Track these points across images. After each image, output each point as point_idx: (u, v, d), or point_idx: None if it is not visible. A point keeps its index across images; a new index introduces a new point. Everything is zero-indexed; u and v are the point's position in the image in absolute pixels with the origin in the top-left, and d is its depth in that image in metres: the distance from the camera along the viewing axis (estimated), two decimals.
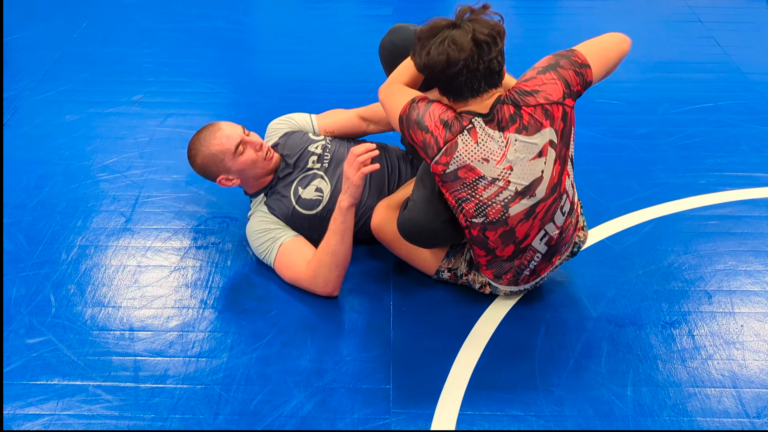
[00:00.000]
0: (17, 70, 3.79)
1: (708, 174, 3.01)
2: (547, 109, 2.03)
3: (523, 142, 2.02)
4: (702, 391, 2.11)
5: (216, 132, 2.45)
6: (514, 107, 2.02)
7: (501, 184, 2.05)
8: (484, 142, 2.02)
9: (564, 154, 2.09)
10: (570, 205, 2.17)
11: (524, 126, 2.02)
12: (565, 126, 2.07)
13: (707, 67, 3.85)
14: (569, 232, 2.22)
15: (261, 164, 2.48)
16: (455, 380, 2.14)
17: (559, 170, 2.08)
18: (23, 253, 2.61)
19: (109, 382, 2.15)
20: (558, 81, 2.05)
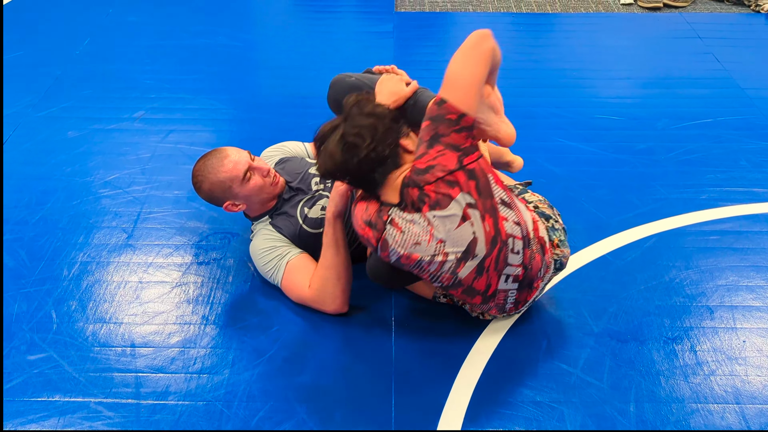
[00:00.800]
0: (20, 87, 3.81)
1: (708, 189, 3.02)
2: (449, 180, 1.98)
3: (441, 217, 1.99)
4: (705, 407, 2.11)
5: (224, 159, 2.44)
6: (418, 189, 1.99)
7: (440, 258, 2.05)
8: (408, 229, 2.02)
9: (490, 205, 2.03)
10: (523, 241, 2.09)
11: (435, 203, 1.98)
12: (478, 180, 2.01)
13: (706, 82, 3.87)
14: (536, 261, 2.15)
15: (268, 189, 2.50)
16: (457, 396, 2.14)
17: (492, 223, 2.03)
18: (25, 269, 2.61)
19: (110, 398, 2.15)
20: (446, 150, 1.98)
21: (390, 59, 4.10)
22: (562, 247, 2.26)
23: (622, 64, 4.07)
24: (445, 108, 1.99)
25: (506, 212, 2.07)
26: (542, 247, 2.17)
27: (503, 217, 2.05)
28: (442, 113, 1.99)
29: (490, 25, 4.71)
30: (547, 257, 2.19)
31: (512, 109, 3.67)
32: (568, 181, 3.07)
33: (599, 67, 4.04)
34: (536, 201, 2.36)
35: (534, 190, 3.00)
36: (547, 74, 3.97)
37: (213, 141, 3.37)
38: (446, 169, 1.98)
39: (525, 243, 2.10)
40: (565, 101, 3.70)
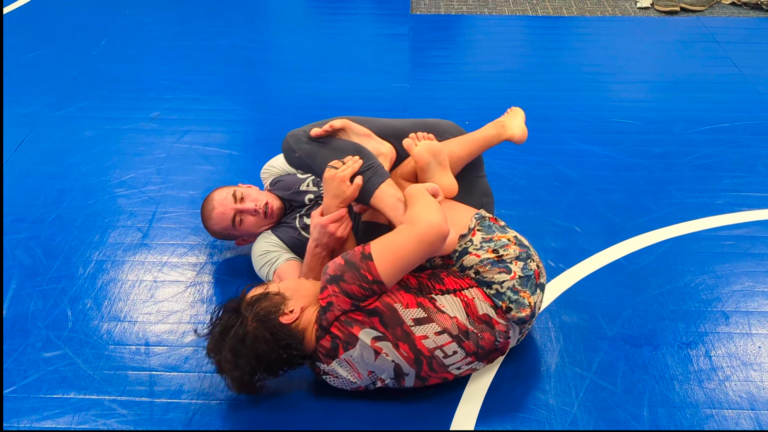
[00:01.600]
0: (37, 87, 3.84)
1: (724, 194, 3.00)
2: (346, 320, 1.96)
3: (355, 356, 1.97)
4: (719, 412, 2.09)
5: (212, 211, 2.51)
6: (328, 335, 1.97)
7: (380, 383, 2.04)
8: (339, 373, 2.01)
9: (401, 333, 1.96)
10: (456, 340, 2.00)
11: (345, 342, 1.96)
12: (381, 315, 1.96)
13: (723, 87, 3.85)
14: (486, 339, 2.03)
15: (264, 222, 2.53)
16: (470, 399, 2.14)
17: (408, 347, 1.97)
18: (41, 268, 2.63)
19: (124, 396, 2.16)
20: (340, 295, 1.95)
21: (405, 62, 4.10)
22: (516, 308, 2.04)
23: (639, 68, 4.05)
24: (367, 265, 1.95)
25: (423, 330, 1.98)
26: (488, 323, 2.03)
27: (420, 336, 1.97)
28: (360, 266, 1.95)
29: (505, 28, 4.74)
30: (498, 327, 2.05)
31: (527, 112, 3.67)
32: (583, 184, 3.06)
33: (615, 71, 4.02)
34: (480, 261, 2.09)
35: (549, 193, 3.00)
36: (562, 77, 3.96)
37: (228, 141, 3.38)
38: (342, 309, 1.96)
39: (459, 340, 2.00)
40: (581, 105, 3.69)
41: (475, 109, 3.63)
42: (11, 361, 2.27)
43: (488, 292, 2.05)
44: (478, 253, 2.09)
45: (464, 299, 2.03)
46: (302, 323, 1.99)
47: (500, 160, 3.18)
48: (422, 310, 1.99)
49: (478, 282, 2.07)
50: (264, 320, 1.94)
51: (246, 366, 1.94)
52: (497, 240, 2.13)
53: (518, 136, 2.54)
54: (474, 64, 4.14)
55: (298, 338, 1.97)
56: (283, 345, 1.94)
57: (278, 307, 1.98)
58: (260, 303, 1.97)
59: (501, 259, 2.07)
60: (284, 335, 1.95)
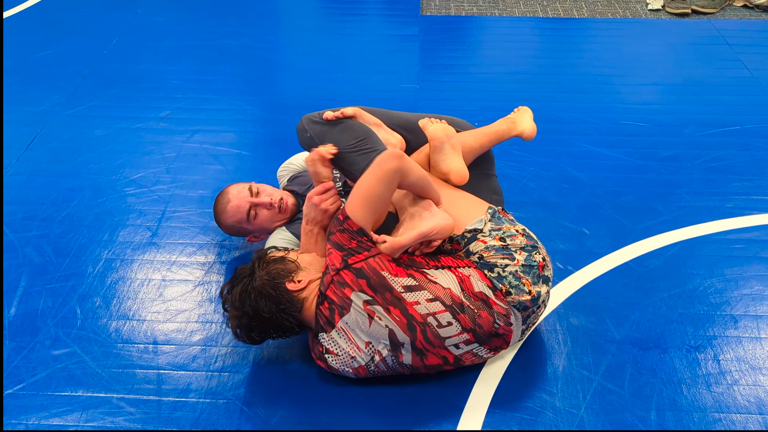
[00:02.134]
0: (48, 86, 3.86)
1: (734, 197, 2.99)
2: (338, 281, 2.05)
3: (350, 321, 2.03)
4: (727, 416, 2.09)
5: (226, 205, 2.53)
6: (325, 300, 2.06)
7: (378, 357, 2.06)
8: (338, 348, 2.07)
9: (391, 297, 2.02)
10: (450, 310, 2.03)
11: (340, 306, 2.03)
12: (368, 278, 2.04)
13: (734, 89, 3.83)
14: (483, 318, 2.05)
15: (278, 217, 2.55)
16: (476, 401, 2.13)
17: (399, 312, 2.02)
18: (51, 266, 2.65)
19: (132, 394, 2.17)
20: (332, 249, 2.10)
21: (415, 63, 4.10)
22: (516, 293, 2.07)
23: (649, 70, 4.04)
24: (348, 223, 2.10)
25: (414, 296, 2.03)
26: (485, 301, 2.06)
27: (412, 302, 2.02)
28: (337, 216, 2.14)
29: (515, 29, 4.74)
30: (496, 308, 2.07)
31: (537, 113, 3.66)
32: (593, 187, 3.05)
33: (626, 73, 4.01)
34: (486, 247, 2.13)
35: (558, 195, 2.99)
36: (572, 79, 3.95)
37: (237, 141, 3.39)
38: (334, 268, 2.07)
39: (454, 311, 2.03)
40: (591, 107, 3.68)
41: (484, 110, 3.62)
42: (20, 358, 2.29)
43: (489, 275, 2.09)
44: (485, 240, 2.14)
45: (459, 275, 2.09)
46: (304, 293, 2.11)
47: (509, 162, 3.18)
48: (412, 279, 2.07)
49: (479, 265, 2.11)
50: (271, 281, 2.09)
51: (241, 315, 2.09)
52: (506, 230, 2.17)
53: (528, 133, 2.57)
54: (484, 66, 4.13)
55: (297, 306, 2.09)
56: (281, 308, 2.07)
57: (289, 273, 2.12)
58: (275, 264, 2.13)
59: (506, 246, 2.12)
60: (284, 299, 2.08)
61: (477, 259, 2.12)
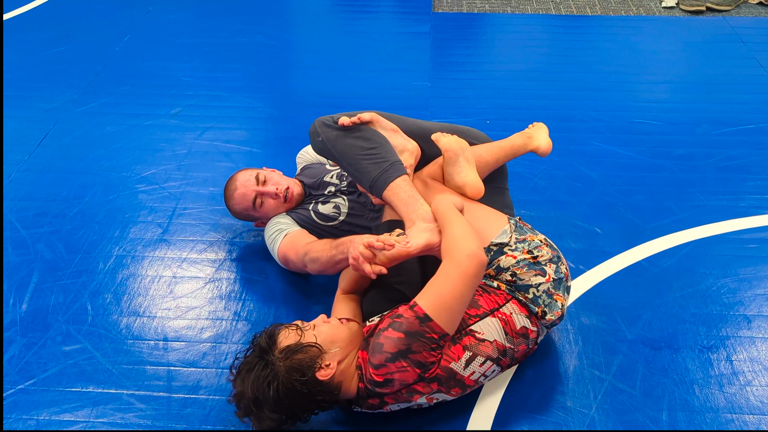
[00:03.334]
0: (60, 82, 3.87)
1: (748, 197, 2.96)
2: (408, 391, 1.91)
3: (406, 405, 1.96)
4: (740, 417, 2.07)
5: (234, 192, 2.57)
6: (377, 398, 1.92)
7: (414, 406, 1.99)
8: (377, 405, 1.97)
9: (454, 383, 1.95)
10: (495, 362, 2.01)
11: (394, 404, 1.94)
12: (439, 379, 1.92)
13: (749, 88, 3.80)
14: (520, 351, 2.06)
15: (283, 207, 2.58)
16: (487, 399, 2.12)
17: (458, 389, 1.98)
18: (62, 262, 2.66)
19: (142, 391, 2.17)
20: (409, 368, 1.86)
21: (426, 60, 4.09)
22: (550, 312, 2.06)
23: (663, 68, 4.01)
24: (429, 326, 1.86)
25: (471, 368, 1.97)
26: (524, 335, 2.05)
27: (469, 374, 1.97)
28: (423, 331, 1.86)
29: (528, 26, 4.72)
30: (532, 336, 2.07)
31: (549, 111, 3.65)
32: (605, 185, 3.03)
33: (639, 71, 3.99)
34: (517, 263, 2.09)
35: (570, 194, 2.98)
36: (585, 77, 3.92)
37: (249, 139, 3.39)
38: (405, 383, 1.89)
39: (498, 360, 2.01)
40: (604, 105, 3.66)
41: (496, 108, 3.61)
42: (31, 354, 2.29)
43: (525, 297, 2.05)
44: (514, 254, 2.09)
45: (502, 317, 2.03)
46: (338, 376, 1.91)
47: (521, 161, 3.16)
48: (468, 351, 1.96)
49: (513, 288, 2.07)
50: (300, 375, 1.85)
51: (278, 417, 1.88)
52: (531, 240, 2.13)
53: (543, 148, 2.54)
54: (496, 63, 4.11)
55: (335, 393, 1.91)
56: (318, 400, 1.89)
57: (314, 361, 1.87)
58: (295, 355, 1.87)
59: (536, 261, 2.08)
60: (320, 391, 1.87)
61: (510, 276, 2.07)
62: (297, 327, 1.95)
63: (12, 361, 2.27)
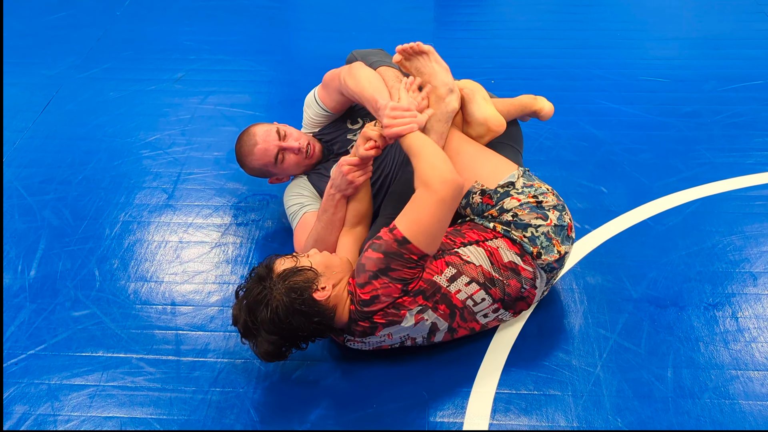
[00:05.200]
0: (62, 49, 3.85)
1: (756, 153, 2.94)
2: (396, 305, 1.96)
3: (394, 330, 2.00)
4: (745, 373, 2.08)
5: (253, 147, 2.44)
6: (368, 321, 1.98)
7: (410, 342, 2.06)
8: (364, 341, 2.04)
9: (440, 296, 2.00)
10: (483, 287, 2.04)
11: (384, 324, 1.98)
12: (424, 292, 1.98)
13: (757, 42, 3.74)
14: (512, 286, 2.07)
15: (304, 162, 2.50)
16: (492, 359, 2.14)
17: (445, 306, 2.01)
18: (69, 228, 2.67)
19: (151, 355, 2.20)
20: (391, 284, 1.94)
21: (430, 20, 4.05)
22: (546, 253, 2.07)
23: (670, 24, 3.96)
24: (408, 248, 1.94)
25: (456, 285, 2.01)
26: (514, 270, 2.07)
27: (455, 292, 2.01)
28: (401, 252, 1.94)
29: None
30: (525, 274, 2.08)
31: (554, 70, 3.61)
32: (611, 144, 3.01)
33: (645, 27, 3.93)
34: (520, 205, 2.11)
35: (575, 153, 2.96)
36: (590, 35, 3.87)
37: (252, 102, 3.38)
38: (391, 297, 1.95)
39: (486, 287, 2.04)
40: (609, 62, 3.62)
41: (501, 68, 3.57)
42: (41, 319, 2.32)
43: (522, 235, 2.08)
44: (519, 197, 2.13)
45: (488, 249, 2.07)
46: (332, 300, 1.97)
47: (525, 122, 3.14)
48: (452, 267, 2.02)
49: (510, 228, 2.09)
50: (298, 295, 1.91)
51: (277, 338, 1.92)
52: (537, 187, 2.16)
53: (546, 110, 2.56)
54: (500, 22, 4.06)
55: (329, 315, 1.96)
56: (315, 321, 1.93)
57: (311, 282, 1.94)
58: (293, 277, 1.93)
59: (540, 205, 2.11)
60: (317, 311, 1.93)
61: (510, 216, 2.10)
62: (293, 255, 2.04)
63: (22, 327, 2.29)
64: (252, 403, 2.05)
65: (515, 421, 1.98)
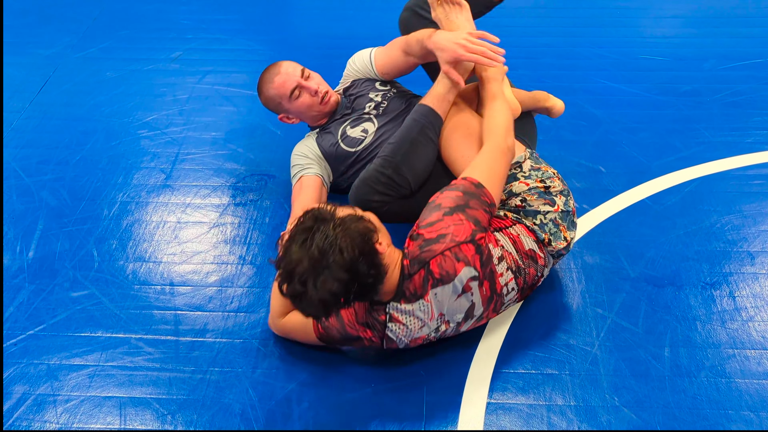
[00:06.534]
0: (58, 28, 3.82)
1: (755, 132, 2.93)
2: (456, 253, 1.91)
3: (442, 292, 1.93)
4: (741, 352, 2.09)
5: (274, 75, 2.51)
6: (423, 269, 1.90)
7: (443, 328, 2.01)
8: (409, 320, 1.95)
9: (489, 271, 1.98)
10: (514, 276, 2.05)
11: (438, 280, 1.91)
12: (482, 255, 1.95)
13: (757, 21, 3.72)
14: (530, 275, 2.10)
15: (317, 108, 2.53)
16: (490, 338, 2.15)
17: (489, 285, 1.99)
18: (67, 209, 2.67)
19: (150, 335, 2.20)
20: (466, 221, 1.94)
21: None
22: (555, 240, 2.10)
23: (669, 2, 3.93)
24: (483, 192, 2.00)
25: (501, 267, 2.01)
26: (532, 258, 2.08)
27: (499, 273, 2.01)
28: (478, 193, 1.99)
29: None
30: (540, 261, 2.11)
31: (552, 49, 3.59)
32: (609, 123, 3.01)
33: (644, 5, 3.91)
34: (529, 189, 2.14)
35: (574, 132, 2.95)
36: (589, 13, 3.85)
37: (250, 82, 3.36)
38: (456, 241, 1.91)
39: (516, 275, 2.05)
40: (608, 41, 3.60)
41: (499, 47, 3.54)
42: (40, 300, 2.32)
43: (532, 222, 2.10)
44: (527, 182, 2.15)
45: (511, 236, 2.08)
46: (386, 258, 1.87)
47: None
48: (498, 248, 2.02)
49: (522, 214, 2.11)
50: (365, 239, 1.80)
51: (347, 277, 1.77)
52: (544, 171, 2.18)
53: (557, 108, 2.56)
54: None
55: (384, 271, 1.86)
56: (373, 273, 1.82)
57: (372, 232, 1.84)
58: (357, 223, 1.83)
59: (548, 190, 2.13)
60: (377, 263, 1.83)
61: (520, 201, 2.11)
62: (348, 206, 1.97)
63: (21, 308, 2.30)
64: (250, 382, 2.06)
65: (513, 400, 1.99)
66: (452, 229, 1.93)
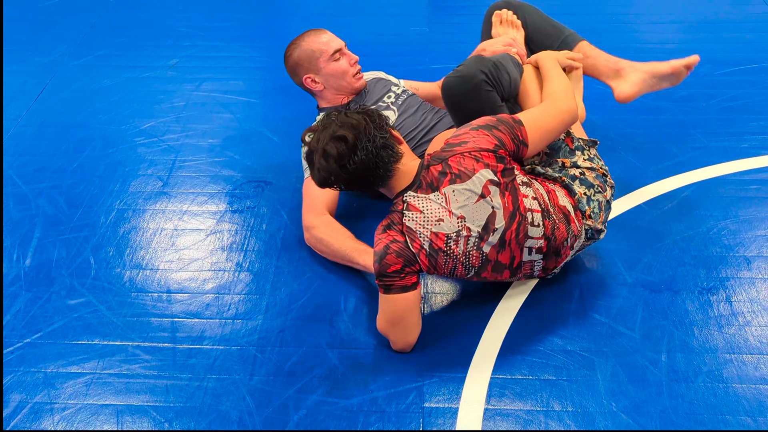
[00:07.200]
0: (56, 36, 3.83)
1: (751, 137, 2.94)
2: (476, 155, 2.04)
3: (459, 190, 2.02)
4: (738, 357, 2.09)
5: (321, 34, 2.63)
6: (442, 163, 2.04)
7: (465, 233, 2.03)
8: (426, 207, 2.02)
9: (511, 185, 2.07)
10: (542, 213, 2.10)
11: (456, 175, 2.02)
12: (505, 167, 2.06)
13: (752, 27, 3.74)
14: (560, 231, 2.13)
15: (349, 79, 2.61)
16: (487, 344, 2.15)
17: (511, 199, 2.05)
18: (63, 216, 2.67)
19: (147, 342, 2.20)
20: (490, 136, 2.07)
21: (424, 4, 4.03)
22: (595, 219, 2.21)
23: (665, 8, 3.95)
24: (520, 129, 2.10)
25: (526, 190, 2.10)
26: (566, 217, 2.16)
27: (523, 194, 2.09)
28: (512, 125, 2.10)
29: None
30: (573, 226, 2.17)
31: None
32: (606, 129, 3.01)
33: (641, 11, 3.92)
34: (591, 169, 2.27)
35: None
36: (586, 19, 3.87)
37: (247, 89, 3.37)
38: (478, 147, 2.04)
39: (544, 214, 2.11)
40: (604, 46, 3.58)
41: None
42: (37, 308, 2.32)
43: (583, 192, 2.21)
44: (591, 162, 2.29)
45: (547, 187, 2.18)
46: (402, 146, 2.08)
47: None
48: (527, 178, 2.15)
49: (576, 182, 2.22)
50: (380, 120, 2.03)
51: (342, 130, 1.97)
52: (603, 165, 2.33)
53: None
54: None
55: (398, 154, 2.04)
56: (382, 145, 1.99)
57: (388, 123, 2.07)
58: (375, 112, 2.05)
59: (605, 178, 2.29)
60: (391, 144, 2.02)
61: (579, 173, 2.23)
62: None
63: (18, 315, 2.30)
64: (248, 389, 2.06)
65: (510, 406, 1.99)
66: (475, 139, 2.06)
